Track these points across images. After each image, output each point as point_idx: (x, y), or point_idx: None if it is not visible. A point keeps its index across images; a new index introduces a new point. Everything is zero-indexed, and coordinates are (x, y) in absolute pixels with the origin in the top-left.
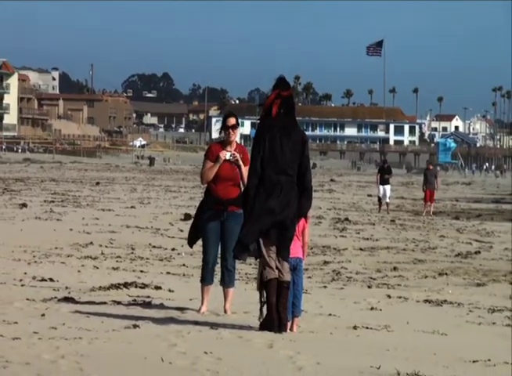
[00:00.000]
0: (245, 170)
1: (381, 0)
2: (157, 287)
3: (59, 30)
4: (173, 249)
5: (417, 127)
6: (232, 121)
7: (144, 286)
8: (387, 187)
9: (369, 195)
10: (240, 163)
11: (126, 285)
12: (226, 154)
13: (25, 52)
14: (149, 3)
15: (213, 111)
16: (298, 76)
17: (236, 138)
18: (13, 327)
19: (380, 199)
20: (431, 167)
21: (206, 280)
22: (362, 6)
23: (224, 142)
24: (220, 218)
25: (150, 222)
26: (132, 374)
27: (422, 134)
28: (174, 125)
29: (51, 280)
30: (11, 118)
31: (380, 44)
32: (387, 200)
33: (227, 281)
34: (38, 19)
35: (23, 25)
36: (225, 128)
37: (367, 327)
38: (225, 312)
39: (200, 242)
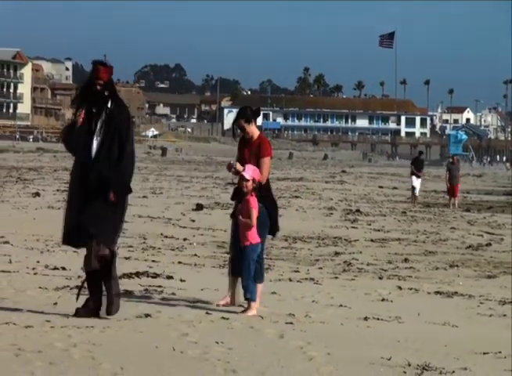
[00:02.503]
0: (263, 162)
1: None
2: (169, 277)
3: (73, 20)
4: (185, 239)
5: (428, 119)
6: (241, 123)
7: (156, 275)
8: (419, 180)
9: (381, 186)
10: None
11: (138, 274)
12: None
13: (38, 42)
14: None
15: (225, 102)
16: (308, 67)
17: (255, 131)
18: (26, 316)
19: (413, 189)
20: (456, 161)
21: (234, 272)
22: None
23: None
24: None
25: (162, 212)
26: (144, 363)
27: (433, 126)
28: (186, 116)
29: (63, 268)
30: (24, 108)
31: (391, 35)
32: (416, 193)
33: (256, 276)
34: (51, 9)
35: (37, 15)
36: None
37: (378, 319)
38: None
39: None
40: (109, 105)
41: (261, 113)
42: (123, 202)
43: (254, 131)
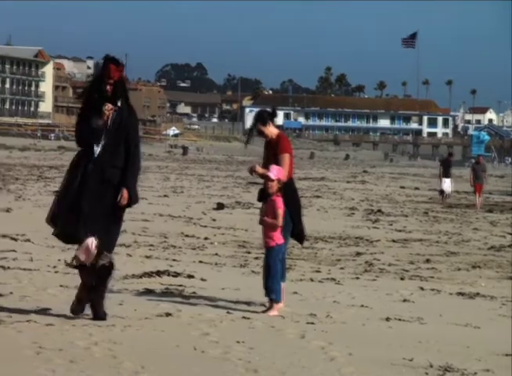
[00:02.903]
0: (282, 159)
1: None
2: (190, 276)
3: (95, 19)
4: (206, 238)
5: (451, 119)
6: (260, 128)
7: (177, 274)
8: (449, 180)
9: (402, 187)
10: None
11: (159, 273)
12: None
13: (60, 41)
14: None
15: (246, 101)
16: (330, 67)
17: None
18: (47, 314)
19: (442, 192)
20: (481, 161)
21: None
22: None
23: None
24: None
25: (183, 211)
26: (164, 362)
27: (455, 126)
28: (207, 115)
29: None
30: (46, 106)
31: (414, 36)
32: (448, 194)
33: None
34: (73, 7)
35: (58, 14)
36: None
37: (400, 319)
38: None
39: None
40: (119, 105)
41: (283, 112)
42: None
43: (272, 131)
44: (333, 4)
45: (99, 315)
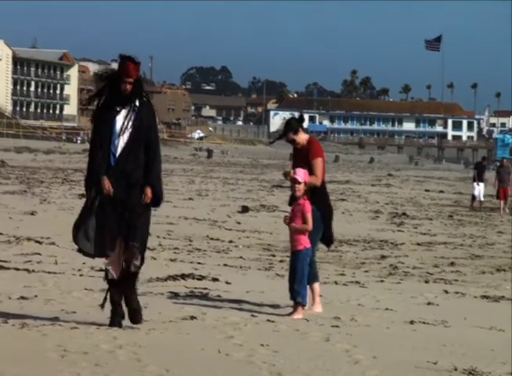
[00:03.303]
0: (315, 164)
1: None
2: (215, 279)
3: (120, 22)
4: (230, 241)
5: (475, 122)
6: (290, 136)
7: (201, 278)
8: (482, 185)
9: (427, 190)
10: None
11: (183, 277)
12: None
13: (85, 44)
14: None
15: (271, 104)
16: (355, 70)
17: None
18: (72, 317)
19: (474, 197)
20: (506, 164)
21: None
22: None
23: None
24: None
25: (208, 214)
26: (189, 365)
27: (480, 129)
28: (232, 118)
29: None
30: (71, 109)
31: (438, 39)
32: (481, 199)
33: (313, 277)
34: (98, 10)
35: (83, 17)
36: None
37: (424, 322)
38: (316, 309)
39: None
40: (137, 104)
41: (307, 115)
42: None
43: (302, 138)
44: (358, 6)
45: (135, 318)
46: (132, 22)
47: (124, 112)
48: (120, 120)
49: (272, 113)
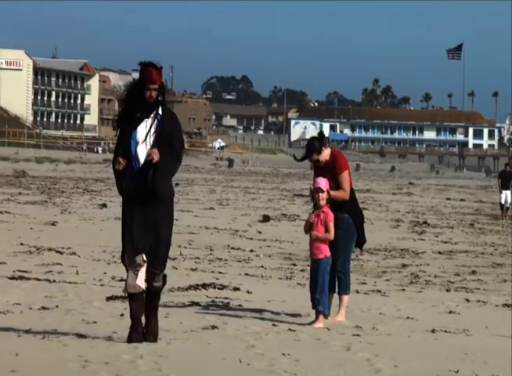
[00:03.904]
0: (342, 178)
1: (461, 0)
2: (236, 289)
3: (140, 32)
4: (251, 250)
5: (496, 131)
6: (315, 157)
7: (222, 287)
8: (509, 192)
9: (448, 198)
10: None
11: (204, 286)
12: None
13: (106, 54)
14: (230, 7)
15: (292, 113)
16: (378, 79)
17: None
18: (92, 327)
19: (502, 206)
20: None
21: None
22: (442, 8)
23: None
24: None
25: (229, 224)
26: (210, 374)
27: (501, 138)
28: (253, 127)
29: None
30: (91, 119)
31: (459, 47)
32: (508, 206)
33: (339, 288)
34: (118, 21)
35: (104, 27)
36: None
37: (445, 331)
38: (338, 318)
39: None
40: (160, 111)
41: (328, 124)
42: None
43: (325, 155)
44: (378, 16)
45: (150, 333)
46: (153, 32)
47: (147, 120)
48: (142, 128)
49: (292, 122)
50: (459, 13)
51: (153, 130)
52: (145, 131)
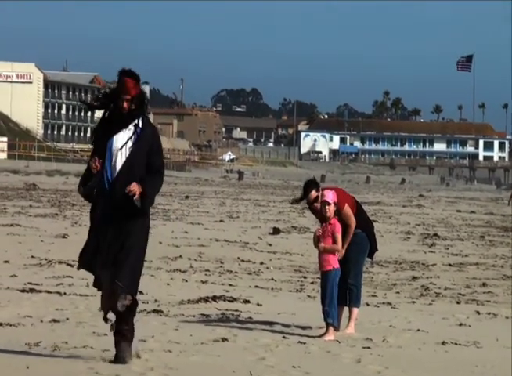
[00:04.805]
0: (345, 213)
1: (472, 13)
2: (246, 301)
3: (150, 45)
4: (261, 263)
5: (507, 143)
6: (313, 194)
7: (233, 299)
8: None
9: (459, 210)
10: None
11: (215, 298)
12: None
13: (115, 67)
14: (239, 20)
15: (302, 126)
16: (388, 91)
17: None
18: (103, 339)
19: None
20: None
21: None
22: (451, 20)
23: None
24: None
25: (239, 236)
26: None
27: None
28: (263, 140)
29: (140, 292)
30: None
31: (469, 59)
32: None
33: (350, 300)
34: (128, 34)
35: (114, 40)
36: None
37: (456, 343)
38: (347, 330)
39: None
40: (140, 124)
41: (338, 136)
42: (145, 243)
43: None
44: (388, 28)
45: (119, 358)
46: (163, 45)
47: (123, 131)
48: (119, 139)
49: (302, 134)
50: (468, 25)
51: (130, 143)
52: (122, 142)
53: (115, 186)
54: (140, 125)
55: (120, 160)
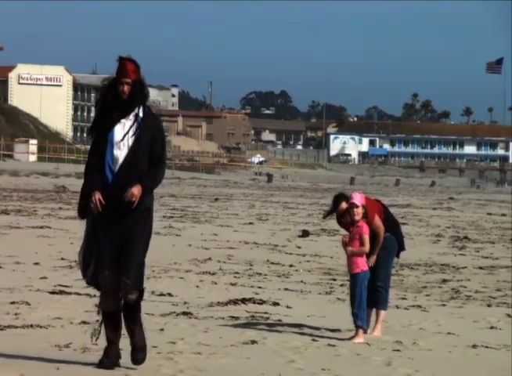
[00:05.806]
0: (375, 224)
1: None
2: (275, 304)
3: (179, 48)
4: (291, 265)
5: None
6: (343, 206)
7: (262, 302)
8: None
9: (489, 213)
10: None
11: (244, 301)
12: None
13: (144, 70)
14: (269, 23)
15: (331, 128)
16: (416, 93)
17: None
18: None
19: None
20: None
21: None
22: (481, 23)
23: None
24: None
25: (268, 239)
26: None
27: None
28: (292, 142)
29: (169, 294)
30: None
31: (500, 61)
32: None
33: (378, 303)
34: (157, 36)
35: (142, 43)
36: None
37: (487, 346)
38: (374, 333)
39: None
40: (140, 113)
41: (368, 139)
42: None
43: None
44: (416, 31)
45: (138, 349)
46: (192, 47)
47: (124, 121)
48: (119, 130)
49: (331, 137)
50: (498, 27)
51: (131, 132)
52: (122, 133)
53: (118, 179)
54: (141, 115)
55: (122, 152)
